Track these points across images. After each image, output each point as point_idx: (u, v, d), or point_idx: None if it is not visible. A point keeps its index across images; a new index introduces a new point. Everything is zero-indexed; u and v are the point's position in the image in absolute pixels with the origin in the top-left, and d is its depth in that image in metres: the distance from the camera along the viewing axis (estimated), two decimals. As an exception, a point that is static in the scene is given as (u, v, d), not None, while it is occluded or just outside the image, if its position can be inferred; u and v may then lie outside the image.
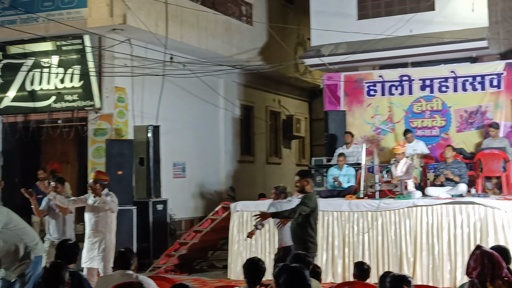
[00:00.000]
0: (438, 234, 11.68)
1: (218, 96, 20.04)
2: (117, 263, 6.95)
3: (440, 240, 11.65)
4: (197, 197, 19.17)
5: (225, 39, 18.83)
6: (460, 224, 11.56)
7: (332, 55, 17.47)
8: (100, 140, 16.10)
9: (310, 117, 26.00)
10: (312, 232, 9.37)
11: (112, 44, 16.00)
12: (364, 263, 8.39)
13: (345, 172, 14.08)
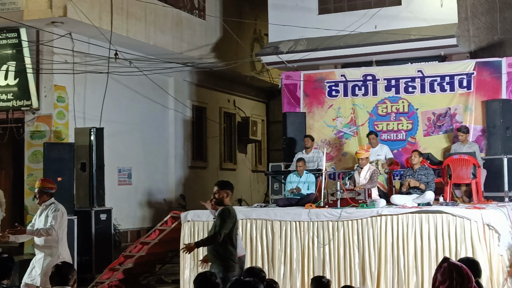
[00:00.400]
0: (403, 245, 11.75)
1: (167, 96, 19.99)
2: (53, 278, 6.87)
3: (406, 251, 11.72)
4: (144, 206, 19.10)
5: (175, 34, 18.79)
6: (427, 235, 11.64)
7: (291, 52, 17.54)
8: (37, 144, 15.96)
9: (268, 119, 26.06)
10: (233, 250, 9.30)
11: (51, 39, 15.89)
12: (323, 277, 8.38)
13: (305, 179, 14.10)
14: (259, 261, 12.67)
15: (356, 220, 12.13)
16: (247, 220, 12.85)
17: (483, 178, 14.08)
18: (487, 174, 14.22)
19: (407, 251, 11.72)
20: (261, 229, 12.75)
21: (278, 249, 12.59)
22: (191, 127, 21.56)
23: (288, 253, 12.52)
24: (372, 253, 11.96)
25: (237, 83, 23.09)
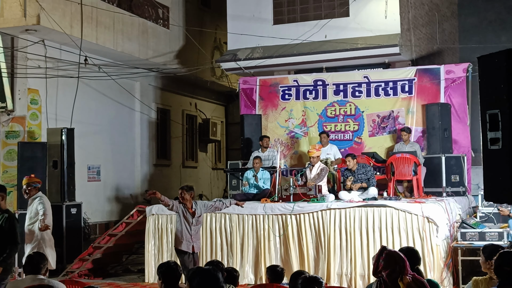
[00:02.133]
0: (351, 236, 11.83)
1: (134, 99, 19.87)
2: (26, 267, 6.78)
3: (353, 242, 11.79)
4: (112, 201, 18.95)
5: (141, 41, 18.68)
6: (372, 227, 11.73)
7: (248, 59, 17.54)
8: (12, 143, 15.76)
9: (226, 121, 26.03)
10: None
11: (25, 45, 15.68)
12: (278, 266, 8.41)
13: (261, 176, 14.11)
14: (218, 252, 12.67)
15: (308, 214, 12.20)
16: (207, 213, 12.80)
17: (423, 175, 14.22)
18: (427, 171, 14.35)
19: (354, 242, 11.81)
20: (220, 222, 12.75)
21: (236, 241, 12.59)
22: (156, 128, 21.44)
23: (246, 244, 12.54)
24: (322, 244, 12.03)
25: (198, 87, 23.02)
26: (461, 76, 15.42)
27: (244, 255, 12.54)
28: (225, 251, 12.66)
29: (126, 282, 13.07)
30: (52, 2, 15.19)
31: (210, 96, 24.51)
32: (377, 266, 5.62)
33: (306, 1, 17.51)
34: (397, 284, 5.50)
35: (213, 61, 20.99)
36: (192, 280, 5.63)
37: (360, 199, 12.64)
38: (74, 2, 15.88)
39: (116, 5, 17.79)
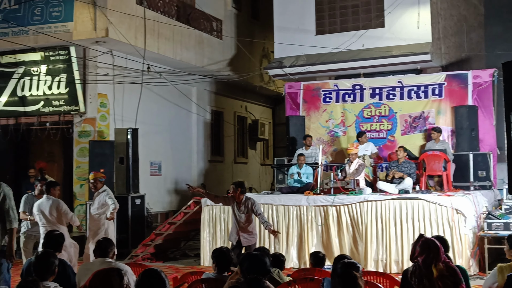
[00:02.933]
0: (386, 226, 11.73)
1: (191, 102, 19.95)
2: (96, 251, 6.85)
3: (388, 231, 11.69)
4: (172, 193, 19.06)
5: (197, 51, 18.74)
6: (405, 217, 11.61)
7: (293, 66, 17.48)
8: (84, 141, 15.95)
9: (273, 121, 25.97)
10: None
11: (96, 55, 15.84)
12: (320, 252, 8.36)
13: (304, 171, 14.06)
14: (266, 239, 12.63)
15: (347, 205, 12.12)
16: (256, 205, 12.81)
17: (452, 170, 14.03)
18: (456, 167, 14.15)
19: (388, 231, 11.70)
20: (268, 212, 12.71)
21: (282, 229, 12.55)
22: (210, 128, 21.50)
23: (291, 232, 12.50)
24: (360, 232, 11.95)
25: (248, 91, 23.04)
26: (487, 81, 15.16)
27: (289, 242, 12.50)
28: (272, 238, 12.61)
29: (184, 265, 13.13)
30: (119, 16, 15.32)
31: (259, 100, 24.49)
32: (414, 252, 5.55)
33: (346, 14, 17.39)
34: (430, 270, 5.42)
35: (262, 68, 20.95)
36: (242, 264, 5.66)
37: (396, 190, 12.53)
38: (138, 16, 16.00)
39: (175, 18, 17.88)
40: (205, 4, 19.56)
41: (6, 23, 15.62)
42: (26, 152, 18.00)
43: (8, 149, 17.55)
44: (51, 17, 15.39)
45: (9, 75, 16.35)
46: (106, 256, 6.72)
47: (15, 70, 16.24)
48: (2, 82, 16.45)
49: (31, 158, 17.86)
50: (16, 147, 17.63)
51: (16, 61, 16.11)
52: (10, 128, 16.94)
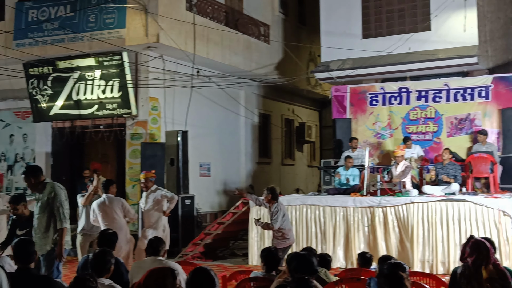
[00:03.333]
0: (432, 227, 11.59)
1: (239, 105, 20.02)
2: (148, 250, 6.91)
3: (434, 232, 11.55)
4: (220, 194, 19.16)
5: (245, 55, 18.80)
6: (451, 219, 11.46)
7: (339, 70, 17.39)
8: (136, 143, 16.13)
9: (320, 124, 25.90)
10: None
11: (147, 60, 16.02)
12: (367, 252, 8.31)
13: (351, 173, 13.99)
14: (313, 239, 12.61)
15: (393, 207, 12.01)
16: (304, 205, 12.82)
17: (499, 173, 13.80)
18: (503, 169, 13.93)
19: (435, 232, 11.56)
20: (315, 213, 12.68)
21: (329, 230, 12.50)
22: (258, 131, 21.55)
23: (337, 233, 12.45)
24: (406, 233, 11.83)
25: (295, 95, 23.01)
26: (535, 83, 14.89)
27: (336, 242, 12.45)
28: (319, 238, 12.60)
29: (232, 264, 13.17)
30: (169, 23, 15.46)
31: (305, 103, 24.45)
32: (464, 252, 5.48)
33: (392, 17, 17.25)
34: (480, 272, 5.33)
35: (308, 72, 20.91)
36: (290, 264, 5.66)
37: (442, 194, 12.35)
38: (188, 22, 16.13)
39: (224, 24, 17.98)
40: (253, 9, 19.62)
41: (62, 30, 15.90)
42: (81, 153, 18.31)
43: (64, 151, 17.88)
44: (104, 24, 15.62)
45: (65, 80, 16.65)
46: (158, 254, 6.79)
47: (70, 75, 16.52)
48: (59, 86, 16.76)
49: (86, 160, 18.17)
50: (72, 149, 17.95)
51: (72, 66, 16.38)
52: (66, 131, 17.28)
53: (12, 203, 8.46)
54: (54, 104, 16.87)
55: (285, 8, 22.18)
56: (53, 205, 7.82)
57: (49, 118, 17.18)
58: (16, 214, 8.40)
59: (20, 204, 8.35)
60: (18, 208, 8.31)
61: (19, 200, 8.43)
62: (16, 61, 16.44)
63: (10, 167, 18.43)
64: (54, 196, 7.83)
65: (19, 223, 8.37)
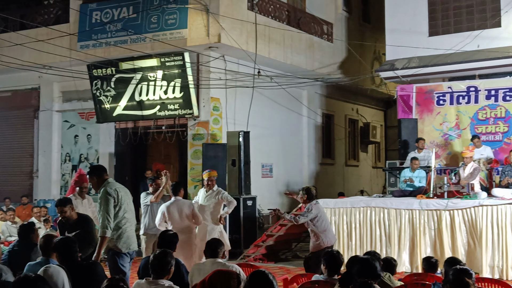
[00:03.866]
0: (502, 231, 11.30)
1: (301, 105, 19.97)
2: (206, 252, 6.95)
3: (504, 236, 11.26)
4: (283, 195, 19.05)
5: (308, 54, 18.74)
6: (523, 223, 11.16)
7: (405, 69, 17.15)
8: (197, 144, 16.28)
9: (385, 124, 25.63)
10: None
11: (208, 60, 16.14)
12: (432, 257, 8.16)
13: (417, 174, 13.78)
14: (378, 242, 12.47)
15: (461, 210, 11.77)
16: (368, 207, 12.70)
17: None
18: None
19: (505, 236, 11.28)
20: (379, 215, 12.54)
21: (394, 233, 12.34)
22: (321, 131, 21.46)
23: (403, 236, 12.27)
24: (474, 237, 11.58)
25: (359, 94, 22.82)
26: None
27: (401, 246, 12.28)
28: (384, 241, 12.44)
29: (294, 267, 13.13)
30: (231, 23, 15.55)
31: (370, 102, 24.22)
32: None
33: (460, 14, 16.90)
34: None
35: (373, 71, 20.71)
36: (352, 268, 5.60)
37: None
38: (250, 22, 16.18)
39: (286, 23, 17.97)
40: (315, 8, 19.54)
41: (124, 31, 16.19)
42: (143, 154, 18.60)
43: (126, 151, 18.20)
44: (166, 25, 15.83)
45: (127, 81, 16.95)
46: (216, 256, 6.81)
47: (133, 76, 16.81)
48: (122, 87, 17.08)
49: (149, 160, 18.44)
50: (134, 150, 18.25)
51: (134, 67, 16.66)
52: (128, 131, 17.59)
53: (59, 205, 8.55)
54: (117, 105, 17.20)
55: (349, 6, 22.02)
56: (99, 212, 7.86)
57: (113, 118, 17.52)
58: (64, 216, 8.52)
59: (67, 207, 8.48)
60: (66, 210, 8.44)
61: (65, 203, 8.56)
62: (80, 62, 16.83)
63: (75, 168, 18.86)
64: (101, 201, 7.83)
65: (68, 225, 8.50)
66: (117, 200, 7.83)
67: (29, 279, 4.79)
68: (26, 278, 4.83)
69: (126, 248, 7.91)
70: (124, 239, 7.89)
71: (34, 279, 4.80)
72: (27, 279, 4.79)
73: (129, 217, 8.00)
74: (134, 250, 8.09)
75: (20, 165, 20.03)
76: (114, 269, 7.90)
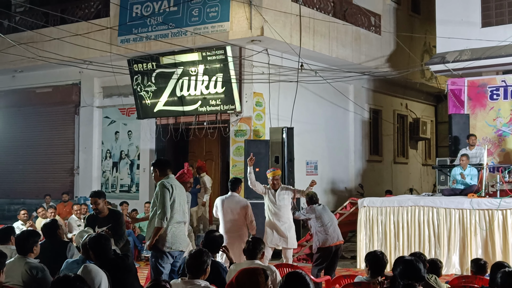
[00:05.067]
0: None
1: (348, 100, 19.86)
2: (245, 252, 6.93)
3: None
4: (328, 193, 19.07)
5: (354, 47, 18.62)
6: None
7: (456, 61, 16.90)
8: (240, 140, 16.32)
9: (436, 120, 25.34)
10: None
11: (251, 54, 16.17)
12: (481, 259, 8.04)
13: (468, 172, 13.58)
14: (426, 243, 12.34)
15: (514, 209, 11.55)
16: (416, 206, 12.58)
17: None
18: None
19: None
20: (428, 215, 12.40)
21: (443, 233, 12.19)
22: (368, 127, 21.33)
23: (452, 237, 12.12)
24: (528, 239, 11.36)
25: (408, 88, 22.58)
26: None
27: (451, 247, 12.13)
28: (433, 242, 12.31)
29: (339, 267, 13.03)
30: (274, 15, 15.53)
31: (420, 97, 23.95)
32: None
33: (514, 3, 16.60)
34: None
35: (423, 64, 20.45)
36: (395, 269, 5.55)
37: None
38: (293, 14, 16.14)
39: (332, 15, 17.87)
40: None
41: (165, 25, 16.32)
42: (185, 150, 18.73)
43: (167, 147, 18.34)
44: (208, 18, 15.89)
45: (168, 76, 17.08)
46: (255, 257, 6.76)
47: (174, 70, 16.93)
48: (162, 82, 17.22)
49: (190, 157, 18.56)
50: (176, 146, 18.39)
51: (175, 62, 16.77)
52: (170, 127, 17.72)
53: (94, 196, 8.77)
54: (158, 100, 17.35)
55: (398, -4, 21.83)
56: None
57: (153, 114, 17.68)
58: (96, 208, 8.72)
59: (101, 199, 8.72)
60: (99, 202, 8.68)
61: (100, 195, 8.82)
62: (120, 57, 17.02)
63: (116, 164, 19.11)
64: (157, 194, 8.18)
65: (98, 219, 8.72)
66: (171, 195, 8.15)
67: (68, 279, 4.90)
68: (66, 278, 4.93)
69: (168, 247, 8.13)
70: (168, 237, 8.14)
71: (73, 279, 4.90)
72: (66, 279, 4.90)
73: (178, 217, 8.26)
74: (178, 250, 8.27)
75: (60, 161, 20.39)
76: (152, 267, 8.08)
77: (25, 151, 20.87)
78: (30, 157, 20.80)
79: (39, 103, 20.81)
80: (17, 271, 6.64)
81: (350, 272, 12.55)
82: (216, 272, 6.68)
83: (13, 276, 6.61)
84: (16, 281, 6.58)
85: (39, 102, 20.81)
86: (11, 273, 6.62)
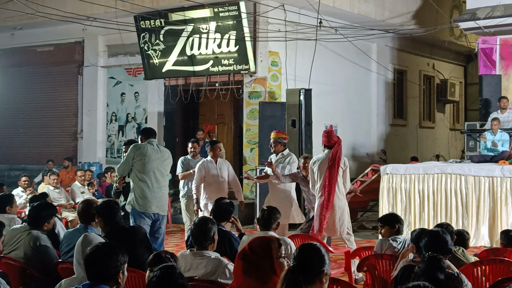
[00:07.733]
0: None
1: (370, 60, 19.73)
2: (259, 221, 6.88)
3: None
4: (348, 159, 18.70)
5: (378, 3, 18.43)
6: None
7: (488, 18, 16.69)
8: (254, 103, 16.28)
9: (465, 81, 25.16)
10: None
11: (267, 10, 16.03)
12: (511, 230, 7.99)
13: (499, 137, 13.50)
14: (453, 213, 12.29)
15: (549, 177, 11.48)
16: (443, 174, 12.49)
17: None
18: None
19: None
20: (455, 183, 12.33)
21: (472, 203, 12.13)
22: (392, 89, 21.21)
23: (482, 207, 12.05)
24: None
25: (436, 47, 22.40)
26: None
27: (479, 217, 12.07)
28: (460, 212, 12.25)
29: (360, 238, 13.09)
30: (291, -33, 15.39)
31: (448, 56, 23.74)
32: None
33: (553, -46, 16.32)
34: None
35: (452, 21, 20.22)
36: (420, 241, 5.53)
37: None
38: (313, -34, 15.96)
39: (354, -33, 17.69)
40: (387, -50, 19.15)
41: (175, -22, 16.21)
42: (195, 113, 18.71)
43: (177, 110, 18.35)
44: (220, -30, 15.77)
45: (178, 34, 16.99)
46: (269, 227, 6.68)
47: (184, 28, 16.82)
48: (171, 40, 17.14)
49: (201, 120, 18.56)
50: (185, 109, 18.38)
51: (185, 19, 16.66)
52: (179, 89, 17.68)
53: (128, 144, 9.78)
54: (167, 60, 17.29)
55: None
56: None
57: (162, 75, 17.65)
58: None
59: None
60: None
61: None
62: (127, 14, 16.92)
63: (122, 128, 19.15)
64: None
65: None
66: (139, 155, 8.98)
67: (160, 257, 5.21)
68: (158, 256, 5.25)
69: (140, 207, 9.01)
70: (138, 199, 9.00)
71: (166, 257, 5.26)
72: (159, 257, 5.21)
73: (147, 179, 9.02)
74: (152, 212, 9.05)
75: (63, 125, 20.45)
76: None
77: (25, 114, 20.94)
78: (31, 121, 20.87)
79: (40, 62, 20.78)
80: (20, 243, 6.72)
81: (371, 244, 12.57)
82: (229, 243, 6.70)
83: (17, 247, 6.72)
84: (20, 254, 6.70)
85: (40, 61, 20.78)
86: (15, 244, 6.72)
